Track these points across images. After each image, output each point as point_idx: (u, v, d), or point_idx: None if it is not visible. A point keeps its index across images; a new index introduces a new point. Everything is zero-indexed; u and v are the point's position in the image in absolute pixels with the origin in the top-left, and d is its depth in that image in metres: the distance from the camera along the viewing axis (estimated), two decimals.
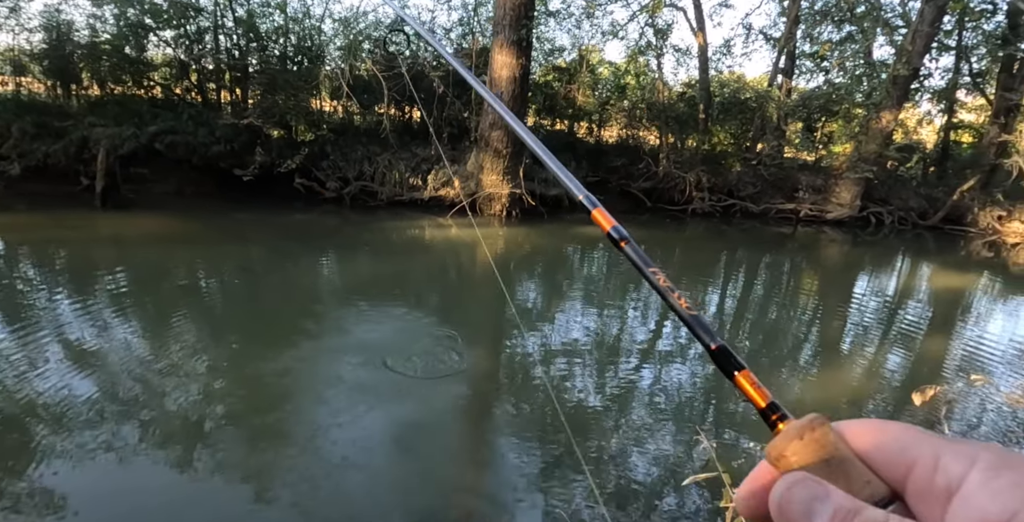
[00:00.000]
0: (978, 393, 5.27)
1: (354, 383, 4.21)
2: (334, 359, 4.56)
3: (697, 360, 5.68)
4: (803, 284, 10.07)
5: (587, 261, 9.81)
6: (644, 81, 14.79)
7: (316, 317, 5.67)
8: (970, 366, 6.32)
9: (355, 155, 11.21)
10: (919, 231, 15.50)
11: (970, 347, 7.08)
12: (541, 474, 3.44)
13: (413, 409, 4.00)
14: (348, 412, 3.84)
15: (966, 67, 17.73)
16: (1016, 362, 6.57)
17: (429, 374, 4.55)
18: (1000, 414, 4.92)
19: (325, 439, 3.53)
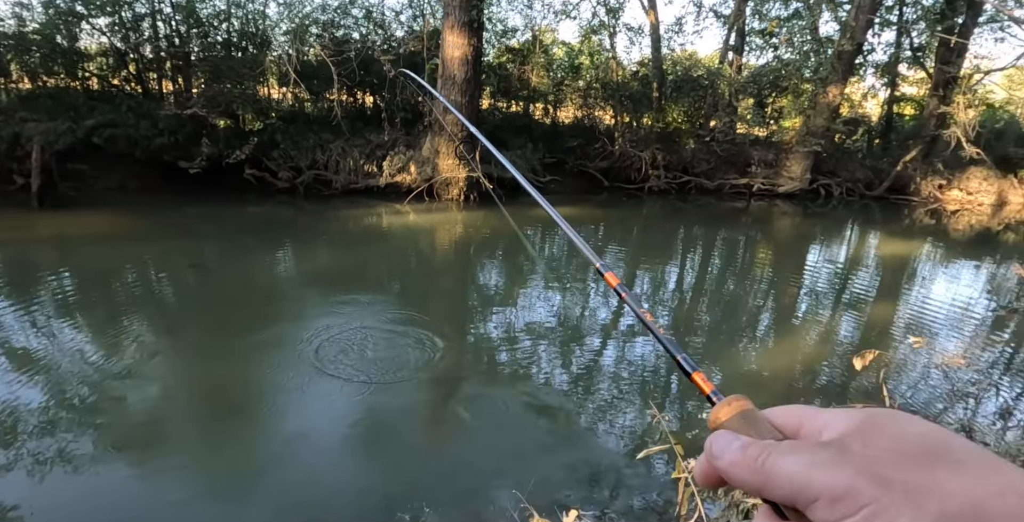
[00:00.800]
0: (918, 355, 5.55)
1: (316, 380, 4.17)
2: (295, 357, 4.50)
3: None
4: (758, 257, 10.34)
5: (547, 242, 9.88)
6: (598, 60, 14.81)
7: (275, 313, 5.58)
8: (915, 329, 6.64)
9: (307, 143, 10.97)
10: (866, 201, 16.06)
11: (915, 311, 7.44)
12: (505, 454, 3.51)
13: (380, 402, 4.00)
14: (312, 410, 3.81)
15: (907, 42, 18.26)
16: (956, 323, 6.93)
17: (392, 368, 4.55)
18: (936, 374, 5.19)
19: (290, 439, 3.51)
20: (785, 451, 0.36)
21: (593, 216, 11.78)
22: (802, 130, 15.05)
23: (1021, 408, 4.56)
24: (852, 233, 13.35)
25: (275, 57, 11.66)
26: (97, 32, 11.12)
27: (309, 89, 11.90)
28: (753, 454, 0.38)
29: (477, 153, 11.03)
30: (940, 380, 5.06)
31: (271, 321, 5.23)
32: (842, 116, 16.71)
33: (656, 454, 2.27)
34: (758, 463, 0.37)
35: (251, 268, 7.08)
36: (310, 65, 11.68)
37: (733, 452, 0.39)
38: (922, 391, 4.89)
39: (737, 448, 0.39)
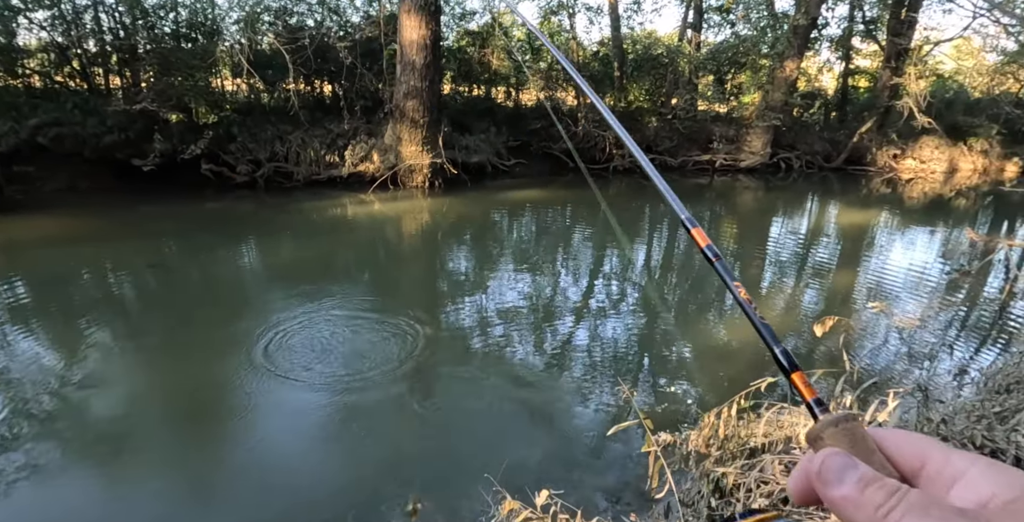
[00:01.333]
0: (878, 319, 5.74)
1: (286, 377, 4.12)
2: (264, 355, 4.43)
3: (623, 315, 5.90)
4: (723, 231, 10.51)
5: (515, 225, 9.88)
6: (558, 41, 14.73)
7: (241, 311, 5.47)
8: (874, 294, 6.87)
9: (265, 135, 10.70)
10: (825, 173, 16.42)
11: (874, 277, 7.68)
12: (477, 438, 3.53)
13: (351, 394, 3.98)
14: (282, 408, 3.77)
15: (859, 15, 18.57)
16: (913, 287, 7.18)
17: (362, 360, 4.53)
18: (895, 337, 5.38)
19: (261, 438, 3.47)
20: (917, 512, 0.31)
21: (559, 197, 11.81)
22: (761, 105, 15.26)
23: (974, 365, 4.76)
24: (812, 204, 13.66)
25: (227, 47, 11.30)
26: (36, 27, 10.61)
27: (264, 79, 11.57)
28: (876, 500, 0.32)
29: (441, 139, 10.91)
30: (899, 342, 5.25)
31: (237, 320, 5.12)
32: (799, 90, 16.99)
33: (626, 430, 2.31)
34: (879, 514, 0.32)
35: (213, 266, 6.92)
36: (264, 54, 11.36)
37: (849, 486, 0.34)
38: (882, 353, 5.06)
39: (855, 481, 0.34)
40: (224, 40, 11.56)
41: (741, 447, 2.38)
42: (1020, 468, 1.27)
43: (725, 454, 2.42)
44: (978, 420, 2.76)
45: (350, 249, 8.09)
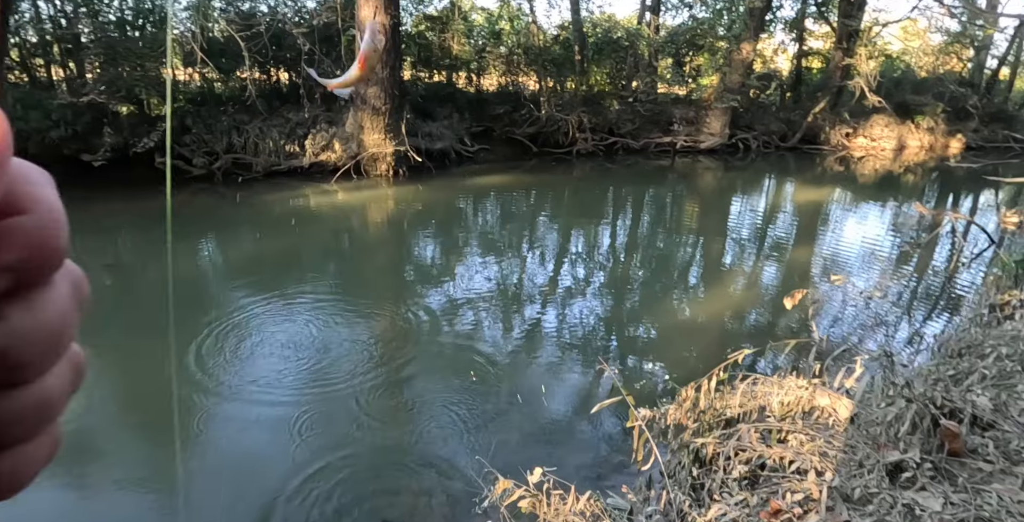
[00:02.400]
0: (838, 291, 5.96)
1: (256, 375, 4.05)
2: (231, 354, 4.35)
3: (594, 296, 5.98)
4: (686, 211, 10.72)
5: (481, 211, 9.87)
6: (518, 26, 14.63)
7: (203, 309, 5.31)
8: (833, 267, 7.13)
9: (221, 126, 10.38)
10: (781, 152, 16.82)
11: (832, 251, 7.96)
12: (464, 423, 3.56)
13: (328, 388, 3.95)
14: (255, 406, 3.71)
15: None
16: (869, 259, 7.47)
17: (335, 352, 4.50)
18: (855, 307, 5.60)
19: (234, 438, 3.41)
20: None
21: (524, 182, 11.81)
22: (719, 87, 15.49)
23: (928, 331, 5.01)
24: (771, 183, 14.01)
25: (177, 35, 10.88)
26: None
27: (218, 68, 11.20)
28: None
29: (403, 126, 10.77)
30: (858, 312, 5.47)
31: (200, 318, 4.97)
32: (756, 72, 17.29)
33: (609, 407, 2.37)
34: None
35: (173, 263, 6.72)
36: (217, 42, 10.97)
37: None
38: (843, 323, 5.27)
39: None
40: (174, 28, 11.12)
41: (718, 418, 2.47)
42: (976, 426, 1.37)
43: (703, 426, 2.51)
44: (935, 383, 2.92)
45: (315, 240, 7.96)
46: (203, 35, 9.84)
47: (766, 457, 2.10)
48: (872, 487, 1.83)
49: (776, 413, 2.34)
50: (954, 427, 2.05)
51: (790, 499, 1.83)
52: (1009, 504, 1.82)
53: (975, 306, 4.61)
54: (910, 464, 1.88)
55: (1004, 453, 2.11)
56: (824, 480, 1.87)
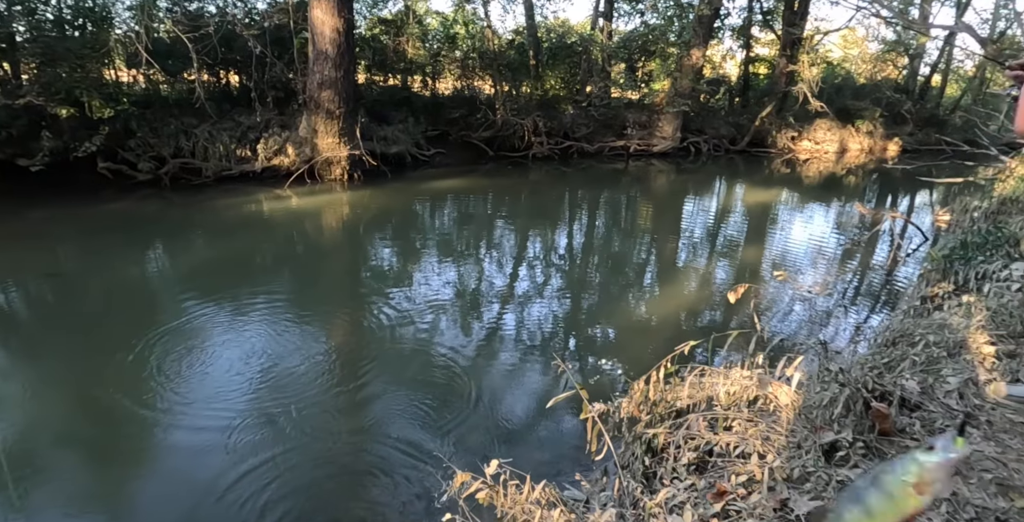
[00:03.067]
0: (784, 287, 6.19)
1: (209, 390, 3.96)
2: (181, 366, 4.24)
3: (551, 297, 6.07)
4: (640, 213, 10.94)
5: (437, 215, 9.86)
6: (473, 30, 14.69)
7: (153, 320, 5.15)
8: (780, 265, 7.41)
9: (168, 130, 10.08)
10: (731, 155, 17.36)
11: (778, 249, 8.27)
12: (421, 422, 3.57)
13: (282, 394, 3.90)
14: (207, 421, 3.61)
15: (758, 6, 19.65)
16: (813, 257, 7.79)
17: (290, 361, 4.44)
18: (800, 303, 5.83)
19: (191, 452, 3.33)
20: None
21: (480, 185, 11.86)
22: (671, 92, 15.89)
23: (868, 323, 5.27)
24: (721, 185, 14.43)
25: (120, 35, 10.53)
26: None
27: (164, 69, 10.89)
28: None
29: (358, 130, 10.68)
30: (803, 307, 5.71)
31: (147, 329, 4.81)
32: (706, 77, 17.81)
33: (568, 403, 2.44)
34: None
35: (119, 272, 6.47)
36: (163, 43, 10.66)
37: None
38: (787, 317, 5.49)
39: None
40: (117, 28, 10.76)
41: (669, 409, 2.56)
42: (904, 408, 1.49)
43: (655, 417, 2.59)
44: (870, 369, 3.09)
45: (268, 246, 7.81)
46: (147, 36, 9.53)
47: (713, 443, 2.20)
48: (809, 466, 1.94)
49: (723, 402, 2.44)
50: (883, 408, 2.19)
51: (734, 481, 1.92)
52: None
53: (910, 298, 4.87)
54: (843, 444, 2.00)
55: (929, 431, 2.26)
56: (766, 462, 1.97)
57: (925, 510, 0.89)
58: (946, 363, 3.01)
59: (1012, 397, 2.55)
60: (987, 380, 2.74)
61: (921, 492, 0.88)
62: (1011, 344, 3.15)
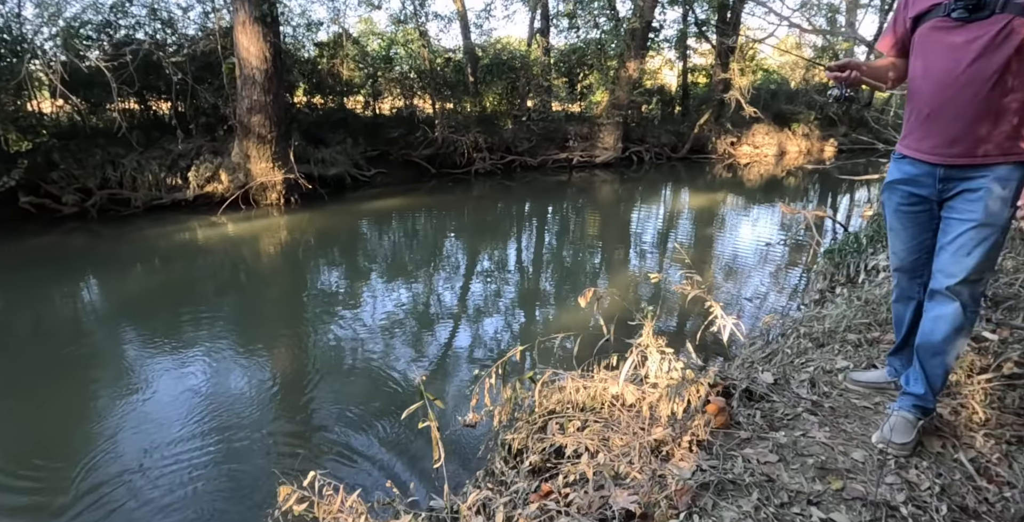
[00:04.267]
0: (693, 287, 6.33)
1: (141, 430, 3.85)
2: (114, 407, 4.13)
3: (493, 310, 6.10)
4: (587, 224, 11.08)
5: (378, 234, 9.82)
6: (411, 50, 14.81)
7: (83, 356, 5.00)
8: (725, 265, 7.60)
9: (93, 160, 9.85)
10: (673, 163, 17.75)
11: (710, 251, 8.47)
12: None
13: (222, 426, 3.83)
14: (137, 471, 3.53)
15: (692, 17, 20.27)
16: (750, 258, 8.00)
17: (216, 396, 4.36)
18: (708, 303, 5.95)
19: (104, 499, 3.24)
20: None
21: (423, 203, 11.86)
22: (608, 104, 16.23)
23: (775, 318, 5.42)
24: (666, 192, 14.73)
25: (40, 66, 10.29)
26: None
27: (87, 99, 10.68)
28: None
29: (292, 153, 10.61)
30: (705, 307, 5.82)
31: (78, 373, 4.68)
32: (644, 87, 18.26)
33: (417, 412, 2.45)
34: None
35: (46, 309, 6.26)
36: (84, 73, 10.45)
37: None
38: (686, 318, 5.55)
39: None
40: (36, 58, 10.51)
41: (531, 414, 2.59)
42: (751, 400, 1.55)
43: (523, 423, 2.62)
44: (749, 365, 3.19)
45: (204, 276, 7.66)
46: (65, 67, 9.34)
47: (558, 445, 2.23)
48: (636, 462, 1.99)
49: (581, 405, 2.49)
50: (719, 402, 2.26)
51: (561, 481, 1.96)
52: (755, 466, 2.02)
53: (809, 293, 5.05)
54: (670, 439, 2.05)
55: (768, 421, 2.34)
56: (595, 460, 2.01)
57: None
58: (812, 353, 3.12)
59: (858, 382, 2.66)
60: (842, 368, 2.85)
61: None
62: (876, 332, 3.29)
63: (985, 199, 1.93)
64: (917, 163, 2.10)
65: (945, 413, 2.47)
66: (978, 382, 2.68)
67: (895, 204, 2.27)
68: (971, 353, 3.01)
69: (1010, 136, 1.88)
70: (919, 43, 2.04)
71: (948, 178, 2.02)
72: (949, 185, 2.02)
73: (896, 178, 2.22)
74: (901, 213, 2.24)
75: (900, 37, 2.15)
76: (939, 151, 2.01)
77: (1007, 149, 1.90)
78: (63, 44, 10.07)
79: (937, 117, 1.98)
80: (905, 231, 2.26)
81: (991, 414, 2.48)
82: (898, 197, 2.24)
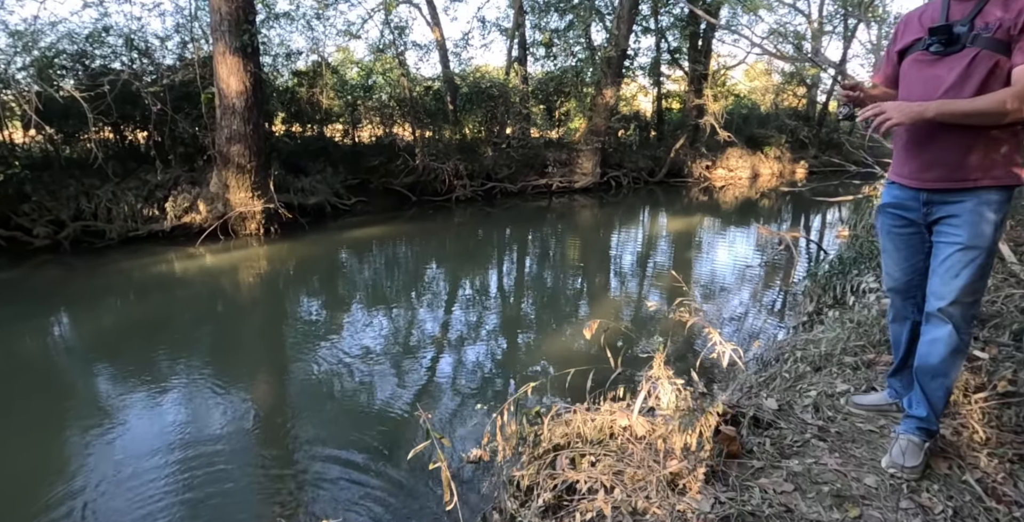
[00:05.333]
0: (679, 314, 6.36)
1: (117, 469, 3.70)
2: (89, 449, 3.96)
3: (478, 338, 6.04)
4: (568, 248, 11.12)
5: (359, 263, 9.73)
6: (390, 78, 14.93)
7: (56, 398, 4.81)
8: (703, 289, 7.65)
9: (67, 192, 9.65)
10: (651, 187, 18.02)
11: (692, 276, 8.53)
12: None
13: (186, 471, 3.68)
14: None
15: (665, 46, 20.84)
16: (722, 282, 8.06)
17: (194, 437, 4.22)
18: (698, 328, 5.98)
19: None
20: None
21: (404, 231, 11.81)
22: (586, 130, 16.49)
23: (762, 343, 5.45)
24: (644, 216, 14.90)
25: (13, 95, 10.12)
26: None
27: (62, 130, 10.51)
28: None
29: (272, 183, 10.53)
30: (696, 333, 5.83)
31: (52, 410, 4.50)
32: (621, 114, 18.62)
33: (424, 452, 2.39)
34: None
35: (16, 345, 6.03)
36: (59, 103, 10.30)
37: None
38: (678, 345, 5.57)
39: None
40: (7, 88, 10.34)
41: (539, 449, 2.54)
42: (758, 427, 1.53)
43: (529, 458, 2.57)
44: (747, 390, 3.18)
45: (183, 308, 7.46)
46: (39, 97, 9.21)
47: (572, 481, 2.19)
48: (653, 497, 1.95)
49: (588, 438, 2.45)
50: (730, 431, 2.24)
51: (579, 519, 1.91)
52: (772, 496, 2.00)
53: (798, 315, 5.10)
54: (685, 472, 2.02)
55: (779, 449, 2.32)
56: (612, 496, 1.97)
57: None
58: (811, 377, 3.13)
59: (860, 405, 2.67)
60: (843, 391, 2.86)
61: None
62: (872, 353, 3.32)
63: (969, 222, 2.01)
64: (903, 188, 2.21)
65: (947, 434, 2.49)
66: (975, 401, 2.71)
67: (888, 226, 2.35)
68: (966, 372, 3.06)
69: (987, 160, 1.97)
70: (902, 75, 2.20)
71: (930, 202, 2.11)
72: (932, 209, 2.11)
73: (887, 202, 2.34)
74: (894, 235, 2.33)
75: (890, 70, 2.28)
76: (918, 175, 2.12)
77: (985, 174, 1.99)
78: (37, 74, 9.94)
79: (916, 143, 2.10)
80: (898, 253, 2.34)
81: (991, 433, 2.51)
82: (890, 220, 2.32)
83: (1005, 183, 1.99)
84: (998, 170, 1.97)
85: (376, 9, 14.88)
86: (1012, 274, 4.99)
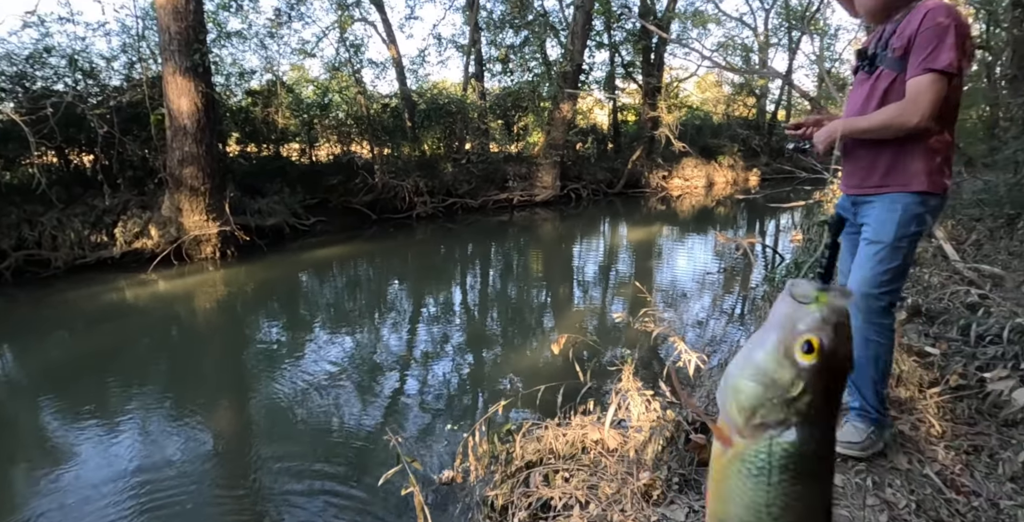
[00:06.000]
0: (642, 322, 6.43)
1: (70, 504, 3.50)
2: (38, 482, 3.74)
3: (437, 357, 5.97)
4: (531, 262, 11.15)
5: (320, 284, 9.56)
6: (347, 96, 14.82)
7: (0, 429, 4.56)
8: (674, 294, 7.76)
9: (8, 220, 9.21)
10: (610, 198, 18.29)
11: (668, 281, 8.66)
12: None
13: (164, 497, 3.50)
14: None
15: (619, 60, 21.30)
16: (688, 287, 8.19)
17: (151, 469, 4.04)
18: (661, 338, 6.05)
19: None
20: None
21: (364, 250, 11.67)
22: (545, 144, 16.67)
23: (723, 350, 5.55)
24: (605, 227, 15.08)
25: None
26: None
27: (1, 155, 10.07)
28: None
29: (227, 205, 10.28)
30: (660, 343, 5.91)
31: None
32: (578, 127, 18.89)
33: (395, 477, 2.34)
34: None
35: None
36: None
37: None
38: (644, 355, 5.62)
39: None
40: None
41: (510, 468, 2.51)
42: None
43: (501, 477, 2.54)
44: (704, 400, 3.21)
45: (135, 338, 7.16)
46: None
47: (544, 498, 2.16)
48: (628, 510, 1.94)
49: (560, 453, 2.43)
50: (700, 439, 2.26)
51: None
52: None
53: (758, 320, 5.21)
54: (658, 482, 2.03)
55: None
56: (587, 512, 1.96)
57: None
58: None
59: None
60: None
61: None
62: None
63: (876, 219, 2.20)
64: (844, 195, 2.41)
65: (906, 429, 2.57)
66: (930, 396, 2.81)
67: (844, 230, 2.49)
68: (919, 368, 3.17)
69: (890, 168, 2.15)
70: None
71: (856, 205, 2.32)
72: (858, 210, 2.31)
73: (838, 206, 2.52)
74: (845, 237, 2.50)
75: None
76: (846, 183, 2.35)
77: (893, 181, 2.15)
78: None
79: (845, 156, 2.30)
80: (848, 253, 2.49)
81: (946, 426, 2.60)
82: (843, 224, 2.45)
83: (914, 189, 2.12)
84: (906, 177, 2.12)
85: (331, 27, 14.84)
86: (956, 271, 5.22)
